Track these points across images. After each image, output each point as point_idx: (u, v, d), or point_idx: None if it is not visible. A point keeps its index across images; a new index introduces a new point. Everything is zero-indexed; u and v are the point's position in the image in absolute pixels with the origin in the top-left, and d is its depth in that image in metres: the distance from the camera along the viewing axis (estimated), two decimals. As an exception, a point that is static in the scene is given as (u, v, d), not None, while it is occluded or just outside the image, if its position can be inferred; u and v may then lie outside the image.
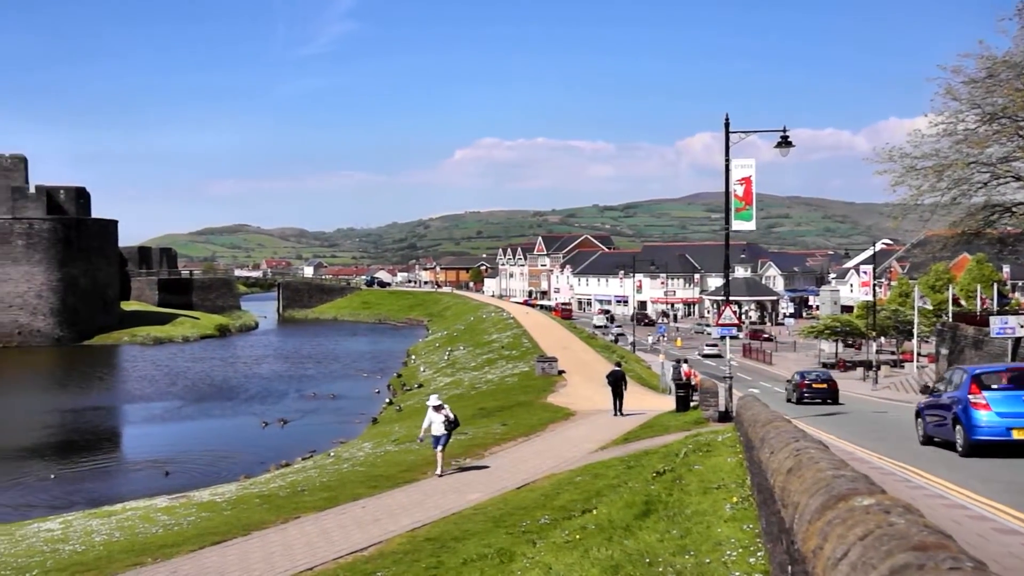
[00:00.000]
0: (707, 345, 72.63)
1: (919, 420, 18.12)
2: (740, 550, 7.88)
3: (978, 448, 14.90)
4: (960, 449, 15.33)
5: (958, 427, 15.44)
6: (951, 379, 17.29)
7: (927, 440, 17.48)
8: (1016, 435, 14.64)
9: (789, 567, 4.55)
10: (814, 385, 35.00)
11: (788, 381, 38.65)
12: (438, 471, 19.88)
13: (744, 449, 12.25)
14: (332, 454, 30.03)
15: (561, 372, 43.30)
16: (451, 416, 20.01)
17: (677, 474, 13.36)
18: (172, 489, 26.93)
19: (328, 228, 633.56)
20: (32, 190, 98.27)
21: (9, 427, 45.10)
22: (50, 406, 51.68)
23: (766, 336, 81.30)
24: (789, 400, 35.28)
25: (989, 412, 14.88)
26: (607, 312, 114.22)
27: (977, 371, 16.41)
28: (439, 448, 19.88)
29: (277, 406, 49.92)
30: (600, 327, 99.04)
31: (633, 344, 70.70)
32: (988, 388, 15.39)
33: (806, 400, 34.10)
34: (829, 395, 34.57)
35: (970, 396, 15.25)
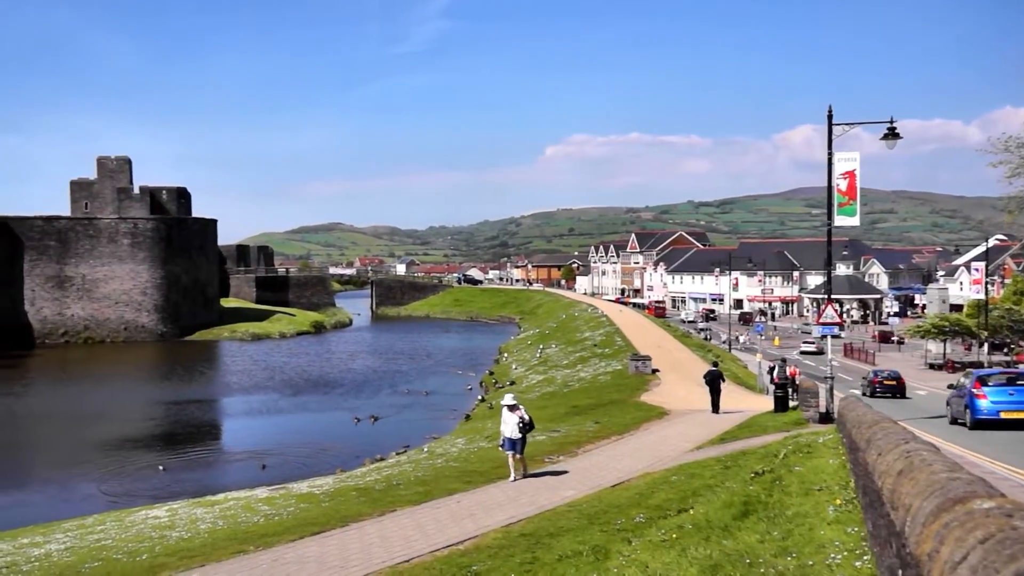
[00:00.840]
0: (804, 342, 70.91)
1: (948, 407, 25.18)
2: (845, 553, 7.68)
3: (978, 424, 21.79)
4: (968, 425, 22.13)
5: (967, 410, 22.38)
6: (966, 379, 24.13)
7: (952, 421, 24.02)
8: (1003, 415, 21.55)
9: (899, 571, 4.41)
10: (885, 382, 40.31)
11: (863, 378, 43.69)
12: (511, 477, 18.81)
13: (847, 451, 11.93)
14: (426, 449, 30.39)
15: (655, 371, 42.89)
16: (526, 418, 18.71)
17: (776, 475, 13.09)
18: (270, 481, 27.71)
19: (420, 226, 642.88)
20: (136, 190, 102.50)
21: (117, 418, 47.13)
22: (154, 398, 53.84)
23: (898, 338, 77.14)
24: (864, 394, 38.65)
25: (986, 400, 21.88)
26: (711, 312, 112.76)
27: (980, 373, 24.33)
28: (512, 452, 18.74)
29: (371, 401, 50.83)
30: (690, 323, 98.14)
31: (729, 343, 69.55)
32: (986, 384, 22.43)
33: (877, 394, 38.99)
34: (897, 390, 39.65)
35: (974, 390, 22.25)
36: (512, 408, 18.71)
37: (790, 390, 28.63)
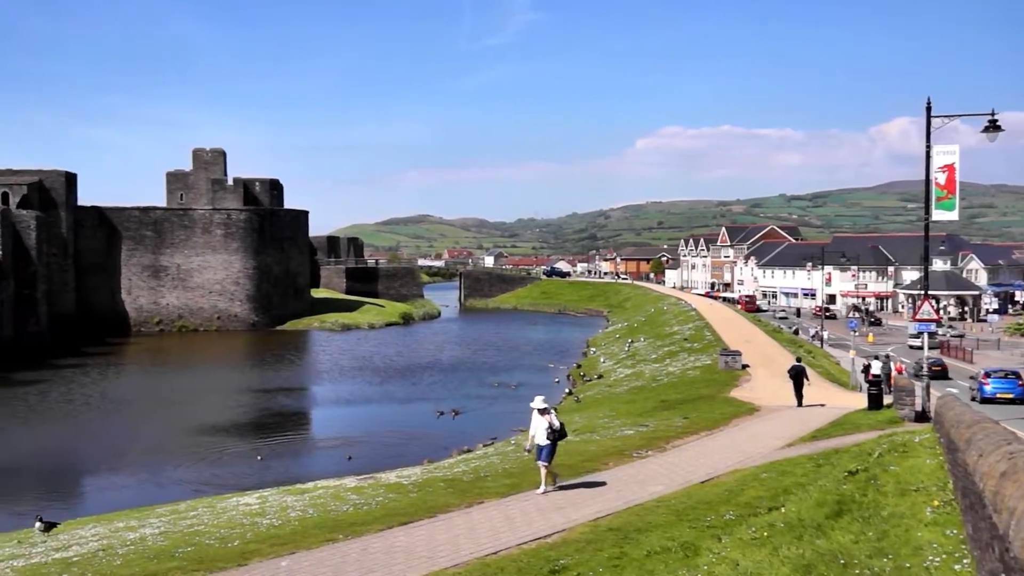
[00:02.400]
0: (911, 336, 68.72)
1: (970, 390, 37.68)
2: (943, 556, 7.47)
3: (983, 401, 34.36)
4: (977, 402, 34.01)
5: (976, 393, 35.95)
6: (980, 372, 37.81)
7: (971, 399, 34.44)
8: (999, 396, 34.77)
9: (1002, 575, 4.29)
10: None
11: (972, 378, 43.19)
12: (541, 488, 17.19)
13: (945, 451, 11.57)
14: (512, 442, 30.56)
15: (745, 366, 42.20)
16: (556, 424, 17.00)
17: (871, 474, 12.77)
18: (358, 470, 28.25)
19: (508, 218, 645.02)
20: (230, 182, 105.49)
21: (209, 405, 48.71)
22: (245, 386, 55.42)
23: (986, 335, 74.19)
24: (973, 399, 36.67)
25: (989, 386, 35.43)
26: (796, 310, 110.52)
27: (987, 369, 38.77)
28: (541, 461, 17.08)
29: (457, 392, 51.35)
30: (780, 319, 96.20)
31: (821, 339, 67.94)
32: (990, 376, 36.19)
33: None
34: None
35: (982, 380, 36.25)
36: (542, 412, 17.19)
37: (884, 387, 27.87)
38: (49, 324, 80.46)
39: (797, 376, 30.86)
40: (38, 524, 19.87)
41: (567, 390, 49.76)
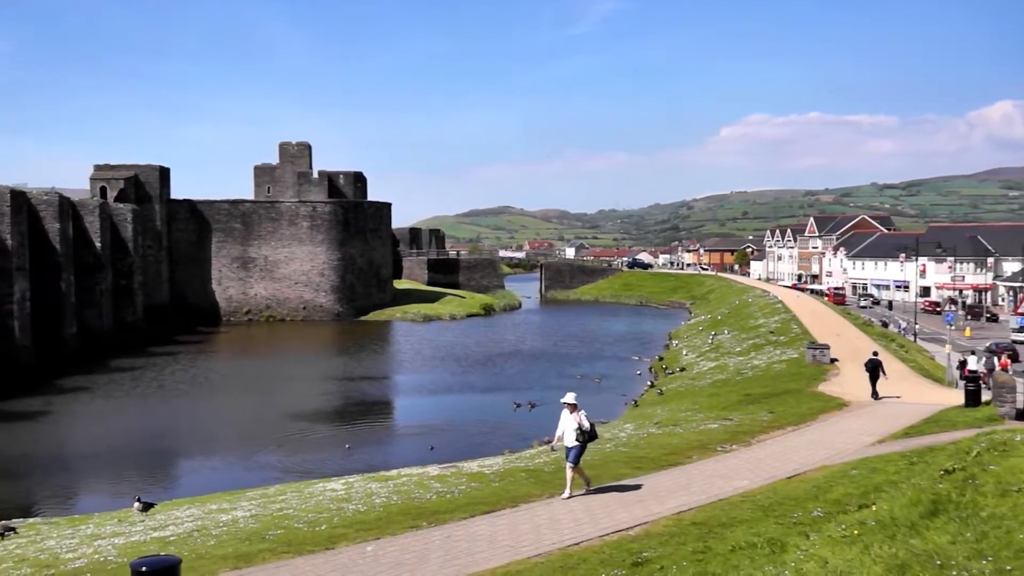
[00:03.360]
0: (1015, 331, 66.19)
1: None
2: (1048, 561, 7.14)
3: None
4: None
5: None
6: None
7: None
8: None
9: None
10: None
11: None
12: (566, 492, 16.12)
13: (1050, 450, 11.07)
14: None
15: (834, 360, 41.19)
16: (585, 425, 15.69)
17: (969, 474, 12.30)
18: (439, 459, 28.53)
19: (590, 209, 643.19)
20: (315, 175, 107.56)
21: (295, 392, 49.82)
22: (330, 374, 56.47)
23: None
24: None
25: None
26: (888, 303, 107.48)
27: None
28: (569, 463, 15.94)
29: (538, 383, 51.38)
30: (864, 307, 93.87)
31: (915, 334, 65.91)
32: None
33: None
34: None
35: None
36: (572, 408, 15.83)
37: (982, 384, 26.88)
38: (145, 314, 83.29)
39: (874, 369, 31.14)
40: (137, 504, 20.60)
41: (649, 383, 49.36)
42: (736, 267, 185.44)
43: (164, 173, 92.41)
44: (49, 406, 44.91)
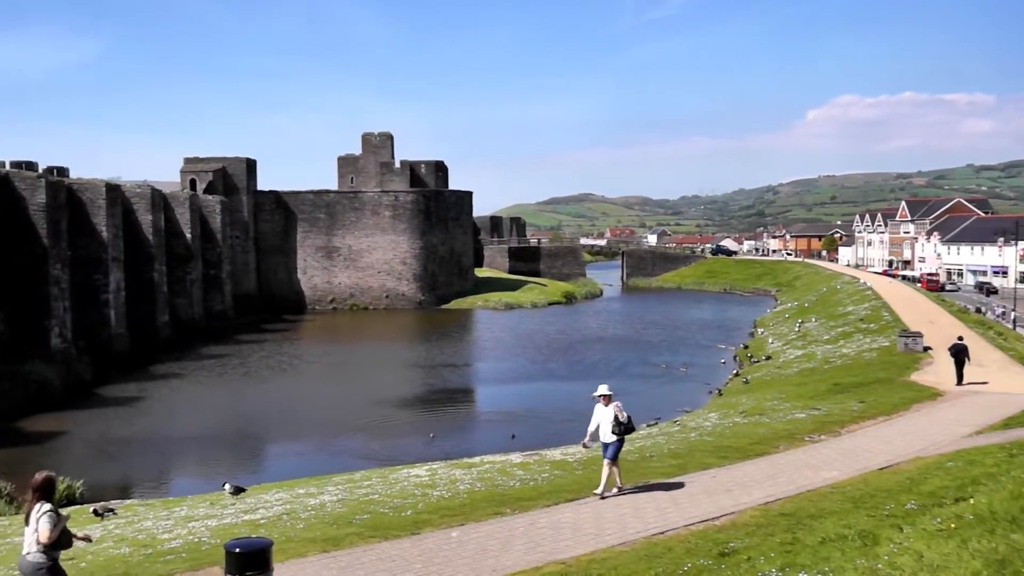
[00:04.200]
0: None
1: None
2: None
3: None
4: None
5: None
6: None
7: None
8: None
9: None
10: None
11: None
12: (599, 490, 15.33)
13: None
14: (677, 422, 30.13)
15: (927, 348, 39.90)
16: (622, 417, 15.00)
17: (1074, 467, 11.80)
18: (521, 447, 28.60)
19: (672, 196, 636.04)
20: (397, 165, 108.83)
21: (378, 379, 50.56)
22: (413, 361, 57.12)
23: None
24: None
25: None
26: (985, 288, 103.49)
27: None
28: (607, 459, 15.16)
29: (620, 373, 51.10)
30: (952, 290, 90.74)
31: (1014, 321, 63.39)
32: None
33: None
34: None
35: None
36: (606, 400, 15.23)
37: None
38: (232, 302, 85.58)
39: (958, 354, 30.99)
40: (227, 488, 21.19)
41: (734, 371, 48.63)
42: (824, 253, 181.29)
43: (251, 165, 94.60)
44: (143, 392, 46.51)
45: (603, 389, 15.41)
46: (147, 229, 67.99)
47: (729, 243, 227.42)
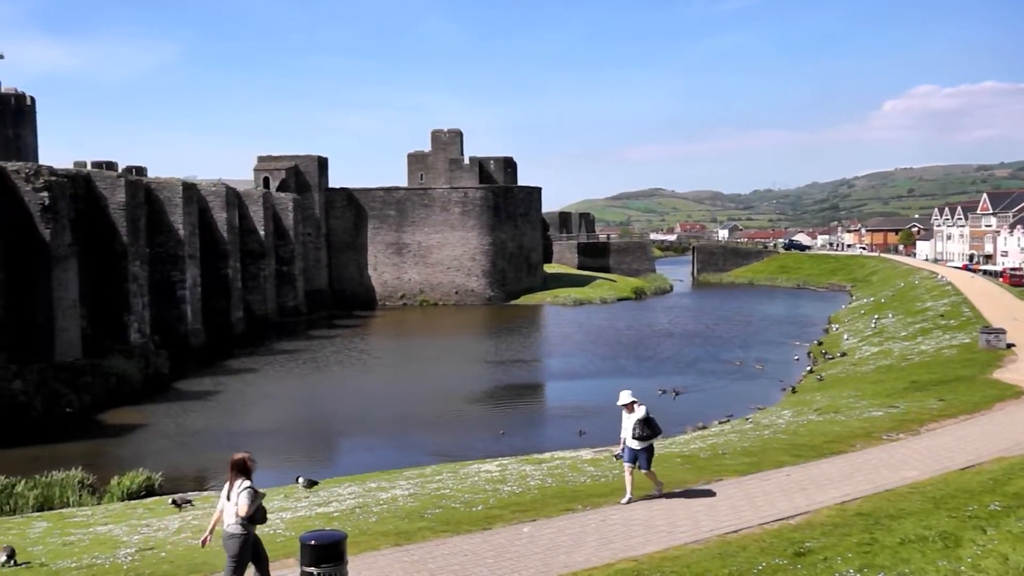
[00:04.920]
0: None
1: None
2: None
3: None
4: None
5: None
6: None
7: None
8: None
9: None
10: None
11: None
12: (626, 496, 14.93)
13: None
14: (750, 420, 29.73)
15: (1010, 345, 38.63)
16: (648, 416, 14.78)
17: None
18: (590, 443, 28.51)
19: (743, 190, 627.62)
20: (466, 161, 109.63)
21: (450, 374, 50.87)
22: (482, 357, 57.34)
23: None
24: None
25: None
26: None
27: None
28: (630, 465, 14.87)
29: (691, 369, 50.59)
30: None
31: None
32: None
33: None
34: None
35: None
36: (629, 408, 14.97)
37: None
38: (305, 298, 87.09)
39: None
40: (301, 481, 21.57)
41: (808, 368, 47.76)
42: (901, 248, 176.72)
43: (322, 163, 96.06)
44: (219, 386, 47.58)
45: (624, 397, 15.09)
46: (222, 226, 69.58)
47: (802, 238, 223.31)
